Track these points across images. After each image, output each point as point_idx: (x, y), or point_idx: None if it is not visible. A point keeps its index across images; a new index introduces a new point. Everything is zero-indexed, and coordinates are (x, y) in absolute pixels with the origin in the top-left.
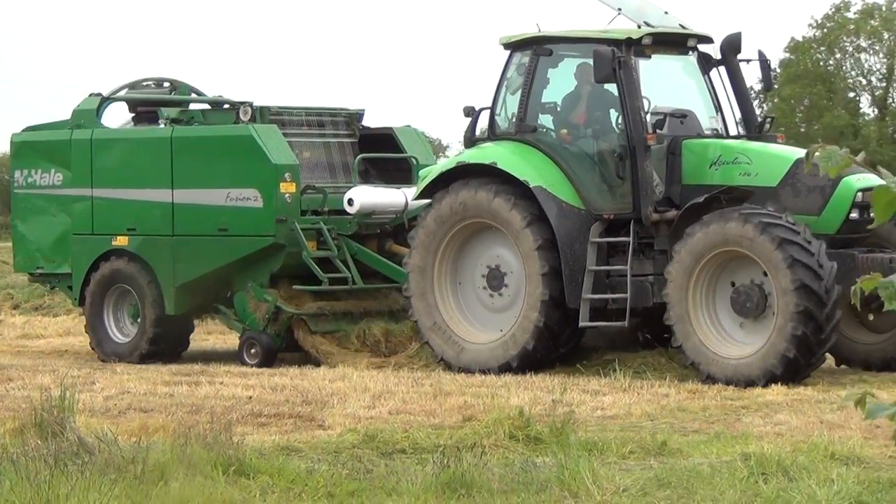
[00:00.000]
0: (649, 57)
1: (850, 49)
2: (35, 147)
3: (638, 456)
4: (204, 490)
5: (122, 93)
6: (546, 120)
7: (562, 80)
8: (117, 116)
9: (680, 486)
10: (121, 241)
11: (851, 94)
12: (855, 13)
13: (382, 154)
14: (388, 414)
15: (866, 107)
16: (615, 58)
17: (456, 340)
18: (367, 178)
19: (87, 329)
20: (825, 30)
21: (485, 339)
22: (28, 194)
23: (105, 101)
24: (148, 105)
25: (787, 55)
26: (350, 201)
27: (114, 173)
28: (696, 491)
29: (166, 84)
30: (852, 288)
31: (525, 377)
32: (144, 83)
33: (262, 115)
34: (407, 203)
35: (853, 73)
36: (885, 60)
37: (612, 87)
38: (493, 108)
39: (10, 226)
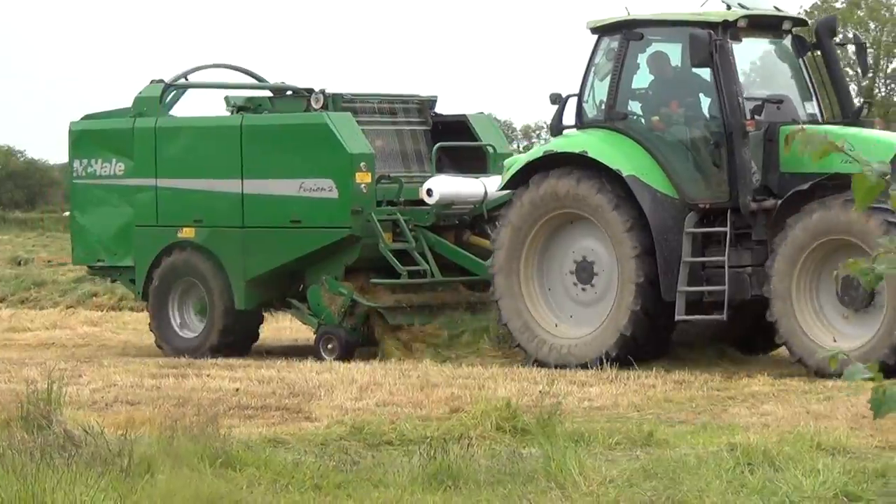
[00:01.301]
0: (741, 40)
1: (837, 39)
2: (95, 136)
3: (624, 447)
4: (190, 483)
5: (185, 79)
6: (636, 107)
7: (653, 65)
8: (186, 106)
9: (666, 476)
10: (187, 233)
11: None
12: (842, 3)
13: (459, 142)
14: (375, 406)
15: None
16: (712, 41)
17: (547, 339)
18: (439, 167)
19: (151, 324)
20: (812, 20)
21: (578, 333)
22: (88, 184)
23: (168, 87)
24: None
25: None
26: (429, 191)
27: (179, 163)
28: (683, 481)
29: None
30: (833, 273)
31: (512, 369)
32: (206, 69)
33: (334, 102)
34: (486, 193)
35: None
36: (871, 51)
37: (704, 72)
38: (580, 95)
39: (70, 217)
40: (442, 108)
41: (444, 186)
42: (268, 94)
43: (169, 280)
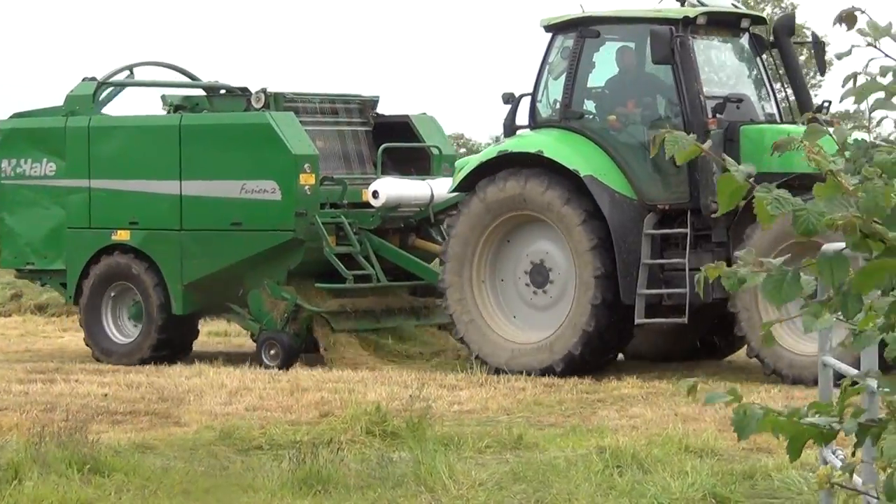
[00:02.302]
0: (700, 38)
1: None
2: (24, 135)
3: (494, 450)
4: (58, 489)
5: (118, 77)
6: (591, 106)
7: (609, 64)
8: (120, 105)
9: (536, 479)
10: (122, 236)
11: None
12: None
13: (405, 143)
14: (244, 410)
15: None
16: (673, 37)
17: (493, 339)
18: (382, 168)
19: (83, 329)
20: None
21: (525, 338)
22: (17, 185)
23: (101, 85)
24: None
25: None
26: (375, 193)
27: (114, 163)
28: (552, 484)
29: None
30: (696, 277)
31: (382, 373)
32: (139, 67)
33: (275, 101)
34: (433, 195)
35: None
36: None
37: (662, 70)
38: (533, 95)
39: None
40: (383, 109)
41: (391, 188)
42: (203, 93)
43: (102, 284)
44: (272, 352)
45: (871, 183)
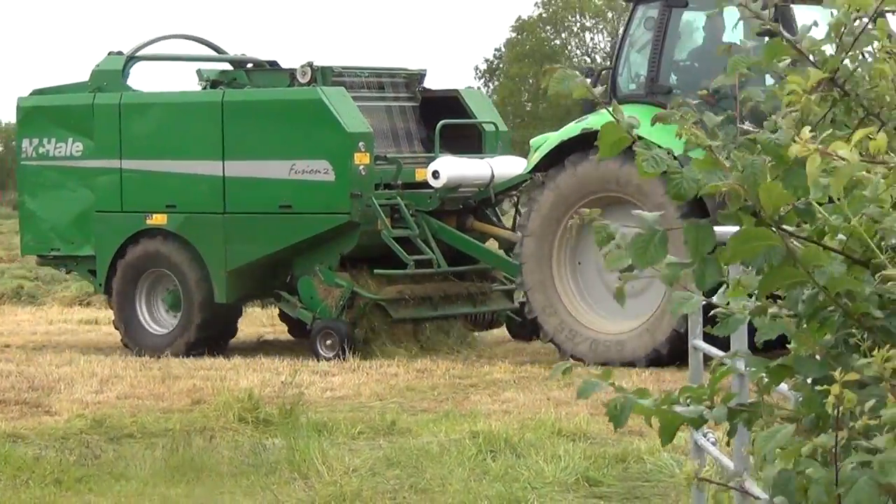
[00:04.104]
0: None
1: (576, 28)
2: (47, 113)
3: (367, 436)
4: None
5: (146, 51)
6: (678, 80)
7: (695, 35)
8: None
9: (409, 465)
10: (157, 220)
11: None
12: None
13: (462, 119)
14: (116, 399)
15: None
16: (778, 7)
17: (585, 334)
18: (427, 146)
19: (116, 320)
20: (551, 9)
21: (618, 328)
22: (39, 166)
23: (130, 60)
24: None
25: (513, 34)
26: (435, 174)
27: (148, 142)
28: (426, 470)
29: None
30: (568, 223)
31: (255, 359)
32: (165, 41)
33: (323, 76)
34: (493, 175)
35: (578, 51)
36: (609, 39)
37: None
38: (614, 68)
39: (19, 202)
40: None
41: (451, 168)
42: (230, 66)
43: (136, 271)
44: (328, 342)
45: (750, 158)
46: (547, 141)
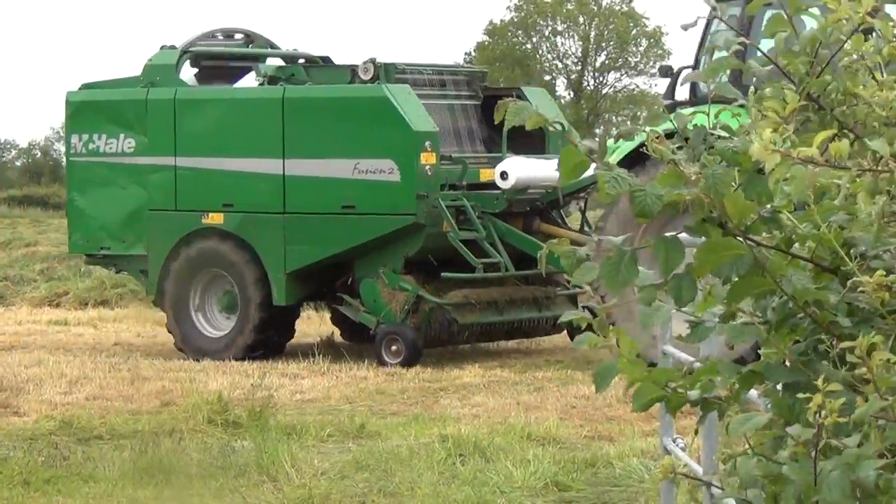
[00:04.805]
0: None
1: (547, 33)
2: (98, 108)
3: (337, 439)
4: None
5: (198, 45)
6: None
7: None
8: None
9: (378, 468)
10: (214, 219)
11: (547, 78)
12: None
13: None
14: (84, 400)
15: (562, 90)
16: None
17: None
18: (490, 146)
19: (169, 322)
20: (522, 13)
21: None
22: (89, 163)
23: (184, 54)
24: (231, 60)
25: (485, 38)
26: (504, 174)
27: (205, 139)
28: (395, 473)
29: (239, 36)
30: (538, 253)
31: (224, 362)
32: (214, 35)
33: (387, 73)
34: None
35: (549, 56)
36: (580, 44)
37: None
38: (694, 68)
39: (67, 199)
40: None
41: (520, 169)
42: (282, 62)
43: (190, 272)
44: (393, 348)
45: (710, 169)
46: (626, 142)
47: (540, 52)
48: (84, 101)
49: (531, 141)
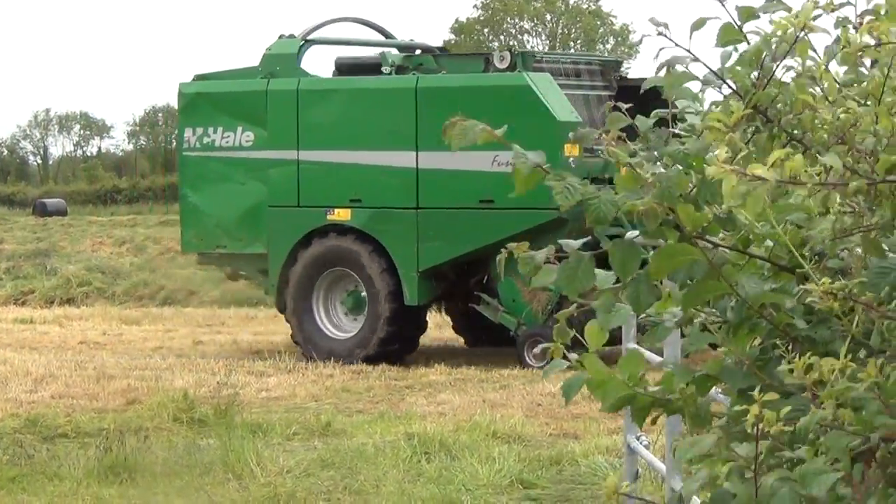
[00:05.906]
0: None
1: (514, 31)
2: (213, 100)
3: (302, 437)
4: None
5: (319, 34)
6: None
7: None
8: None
9: (344, 466)
10: (340, 215)
11: None
12: None
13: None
14: (50, 398)
15: None
16: None
17: None
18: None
19: (293, 324)
20: (489, 11)
21: None
22: (204, 157)
23: (305, 44)
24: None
25: (452, 36)
26: None
27: (330, 132)
28: (360, 471)
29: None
30: (497, 258)
31: (190, 360)
32: (333, 24)
33: (524, 61)
34: None
35: None
36: (547, 42)
37: None
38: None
39: (180, 195)
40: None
41: None
42: (396, 51)
43: (314, 270)
44: (537, 350)
45: (664, 172)
46: None
47: None
48: (198, 92)
49: None
